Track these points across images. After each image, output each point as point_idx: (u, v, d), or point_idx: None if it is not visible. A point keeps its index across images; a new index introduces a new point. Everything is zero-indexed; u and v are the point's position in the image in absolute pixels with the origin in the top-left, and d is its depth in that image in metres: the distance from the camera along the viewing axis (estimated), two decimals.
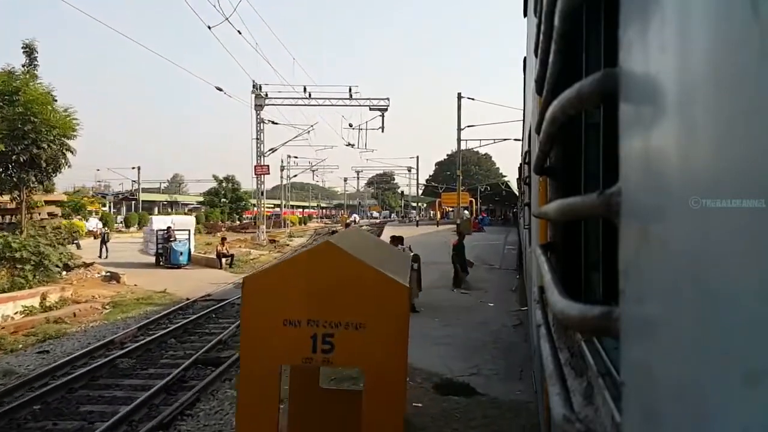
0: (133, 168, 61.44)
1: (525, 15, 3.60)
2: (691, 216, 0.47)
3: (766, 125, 0.36)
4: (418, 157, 61.83)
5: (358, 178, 69.52)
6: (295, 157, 55.69)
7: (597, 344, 1.27)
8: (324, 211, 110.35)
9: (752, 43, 0.37)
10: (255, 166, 33.73)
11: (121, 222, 47.75)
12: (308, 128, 37.95)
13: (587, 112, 1.63)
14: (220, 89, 26.70)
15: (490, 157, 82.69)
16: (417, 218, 52.16)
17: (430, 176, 73.43)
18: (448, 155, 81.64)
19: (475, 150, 79.40)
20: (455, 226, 28.54)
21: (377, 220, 69.35)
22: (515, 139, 26.73)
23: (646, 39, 0.59)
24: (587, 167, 1.70)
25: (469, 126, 31.65)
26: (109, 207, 55.81)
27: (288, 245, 33.13)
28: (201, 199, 63.97)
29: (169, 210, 61.11)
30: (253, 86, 33.58)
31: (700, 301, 0.46)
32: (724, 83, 0.42)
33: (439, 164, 79.06)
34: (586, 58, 1.62)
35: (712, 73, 0.44)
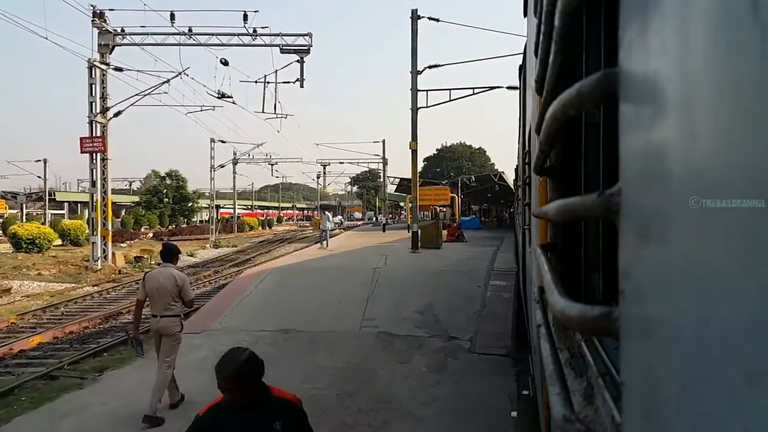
0: (38, 161, 48.01)
1: (525, 15, 3.60)
2: (691, 216, 0.47)
3: (766, 125, 0.36)
4: (384, 141, 47.41)
5: (324, 173, 56.80)
6: (222, 142, 41.75)
7: (597, 344, 1.27)
8: (305, 212, 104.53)
9: (752, 43, 0.37)
10: (81, 139, 21.08)
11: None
12: (176, 75, 21.82)
13: (587, 112, 1.63)
14: None
15: (485, 152, 78.29)
16: (384, 221, 38.84)
17: (419, 173, 66.95)
18: (437, 150, 76.59)
19: (468, 144, 76.52)
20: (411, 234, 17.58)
21: (359, 222, 64.50)
22: (508, 87, 17.67)
23: (646, 39, 0.59)
24: (587, 167, 1.70)
25: (432, 66, 18.18)
26: (21, 208, 46.33)
27: (145, 271, 15.70)
28: (137, 199, 55.55)
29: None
30: (94, 15, 20.66)
31: (700, 302, 0.46)
32: (724, 83, 0.42)
33: (427, 159, 71.94)
34: (586, 58, 1.62)
35: (712, 73, 0.44)
